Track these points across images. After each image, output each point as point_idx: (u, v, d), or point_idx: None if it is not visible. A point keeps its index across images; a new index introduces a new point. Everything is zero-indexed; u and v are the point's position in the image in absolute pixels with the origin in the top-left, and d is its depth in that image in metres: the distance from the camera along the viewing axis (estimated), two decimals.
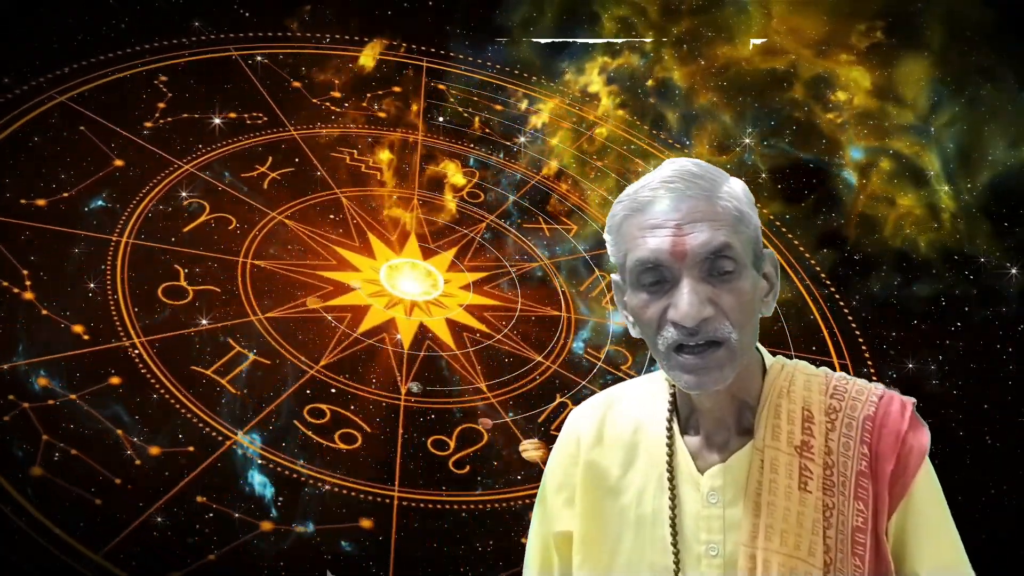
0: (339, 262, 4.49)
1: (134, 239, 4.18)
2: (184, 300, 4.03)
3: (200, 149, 4.74)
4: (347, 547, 3.44)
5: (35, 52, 4.88)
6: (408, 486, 3.67)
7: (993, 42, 5.34)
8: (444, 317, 4.40)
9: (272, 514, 3.45)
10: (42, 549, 3.13)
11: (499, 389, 4.15)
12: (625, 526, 1.47)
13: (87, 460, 3.37)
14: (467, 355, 4.25)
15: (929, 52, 5.49)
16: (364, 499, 3.58)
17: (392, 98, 5.49)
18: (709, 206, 1.32)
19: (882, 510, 1.38)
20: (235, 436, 3.62)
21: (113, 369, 3.67)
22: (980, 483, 3.96)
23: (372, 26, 5.79)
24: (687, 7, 5.85)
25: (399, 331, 4.24)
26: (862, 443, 1.39)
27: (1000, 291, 4.88)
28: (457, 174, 5.17)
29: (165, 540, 3.26)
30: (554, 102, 5.70)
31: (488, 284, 4.63)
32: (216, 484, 3.46)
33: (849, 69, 5.64)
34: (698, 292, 1.30)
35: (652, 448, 1.47)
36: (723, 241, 1.31)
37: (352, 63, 5.59)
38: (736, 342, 1.33)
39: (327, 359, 4.01)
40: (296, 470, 3.59)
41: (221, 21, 5.48)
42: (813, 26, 5.69)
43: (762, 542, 1.38)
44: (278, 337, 4.03)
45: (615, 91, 5.76)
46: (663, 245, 1.31)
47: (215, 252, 4.29)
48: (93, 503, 3.27)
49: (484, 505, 3.70)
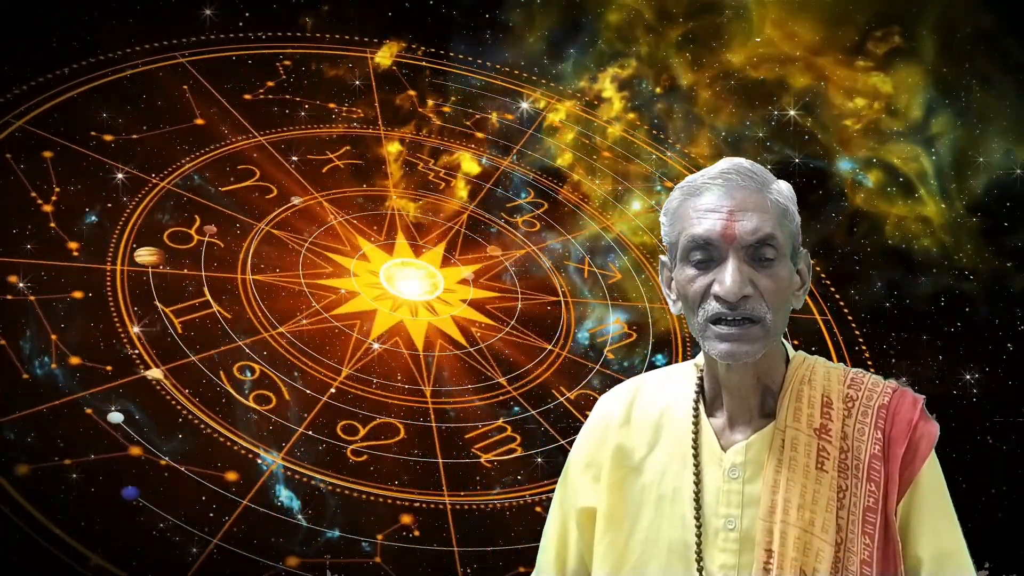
0: (335, 268, 4.48)
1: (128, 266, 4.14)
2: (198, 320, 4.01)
3: (177, 164, 4.65)
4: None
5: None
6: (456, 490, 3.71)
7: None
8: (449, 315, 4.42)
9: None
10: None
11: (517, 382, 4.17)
12: (645, 504, 1.55)
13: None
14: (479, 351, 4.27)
15: (930, 57, 5.49)
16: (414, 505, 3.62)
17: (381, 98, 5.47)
18: (760, 198, 1.46)
19: (892, 492, 1.46)
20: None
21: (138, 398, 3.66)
22: (980, 484, 3.99)
23: (383, 26, 5.77)
24: (688, 11, 5.85)
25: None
26: (876, 428, 1.49)
27: (1000, 291, 4.91)
28: (469, 164, 5.16)
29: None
30: (565, 105, 5.70)
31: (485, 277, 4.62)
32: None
33: (857, 73, 5.65)
34: (741, 272, 1.43)
35: (677, 429, 1.56)
36: (768, 232, 1.44)
37: (363, 64, 5.57)
38: (771, 322, 1.44)
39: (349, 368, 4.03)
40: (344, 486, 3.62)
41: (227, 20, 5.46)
42: (811, 30, 5.69)
43: (780, 516, 1.47)
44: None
45: (625, 95, 5.76)
46: (715, 227, 1.44)
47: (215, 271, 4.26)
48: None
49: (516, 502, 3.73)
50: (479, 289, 4.59)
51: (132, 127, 4.67)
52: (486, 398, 4.06)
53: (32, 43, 4.87)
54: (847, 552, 1.45)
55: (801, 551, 1.45)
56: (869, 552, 1.45)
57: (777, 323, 1.46)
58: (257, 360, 3.97)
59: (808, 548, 1.46)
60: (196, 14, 5.36)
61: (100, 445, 3.48)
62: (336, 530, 3.49)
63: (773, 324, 1.45)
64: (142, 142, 4.62)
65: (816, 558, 1.45)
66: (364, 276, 4.48)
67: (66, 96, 4.67)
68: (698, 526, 1.51)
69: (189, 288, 4.12)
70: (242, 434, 3.68)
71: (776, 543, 1.46)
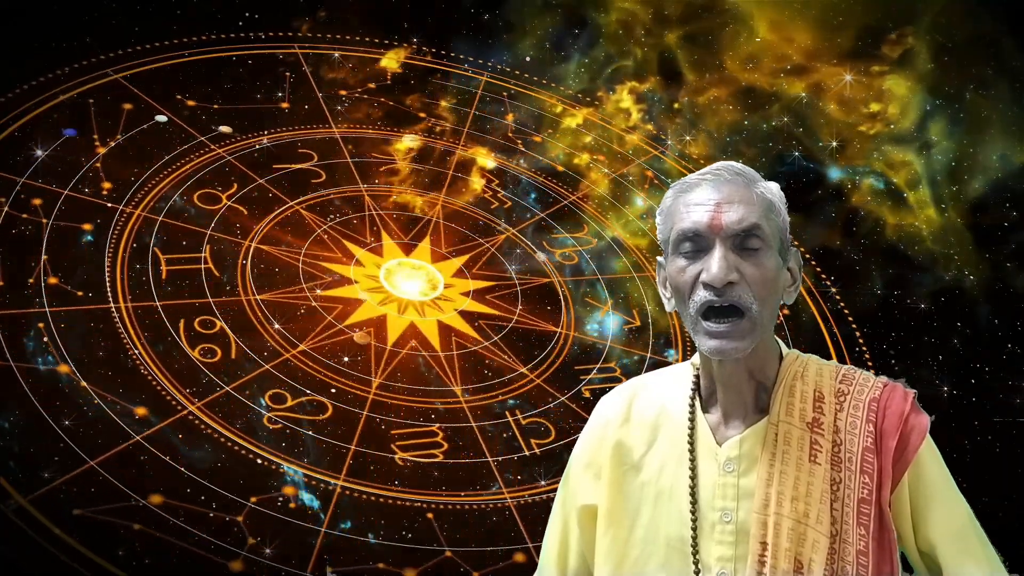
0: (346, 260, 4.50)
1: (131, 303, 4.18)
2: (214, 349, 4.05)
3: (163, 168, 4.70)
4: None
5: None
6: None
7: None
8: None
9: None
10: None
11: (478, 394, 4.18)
12: (645, 501, 1.59)
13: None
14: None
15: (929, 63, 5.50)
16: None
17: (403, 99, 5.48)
18: (746, 192, 1.52)
19: (885, 483, 1.50)
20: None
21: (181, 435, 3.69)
22: (980, 484, 3.98)
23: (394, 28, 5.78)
24: (687, 15, 5.86)
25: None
26: (867, 422, 1.53)
27: (1001, 291, 4.92)
28: (484, 166, 5.17)
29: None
30: (582, 113, 5.70)
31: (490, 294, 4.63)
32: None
33: (860, 76, 5.66)
34: (727, 259, 1.48)
35: (674, 426, 1.60)
36: (754, 221, 1.50)
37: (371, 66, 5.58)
38: (757, 314, 1.49)
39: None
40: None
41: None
42: (806, 36, 5.70)
43: (774, 508, 1.50)
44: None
45: (642, 108, 5.76)
46: (703, 219, 1.50)
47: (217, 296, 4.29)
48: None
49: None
50: (478, 284, 4.61)
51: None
52: (421, 402, 4.07)
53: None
54: (842, 543, 1.49)
55: (796, 542, 1.49)
56: (865, 543, 1.48)
57: (764, 316, 1.50)
58: (217, 317, 4.04)
59: (803, 539, 1.49)
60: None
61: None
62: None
63: (760, 316, 1.49)
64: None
65: (812, 548, 1.49)
66: (364, 280, 4.51)
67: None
68: (694, 520, 1.54)
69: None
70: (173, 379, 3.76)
71: (771, 535, 1.49)
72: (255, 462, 3.62)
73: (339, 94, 5.35)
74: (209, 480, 3.49)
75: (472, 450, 3.89)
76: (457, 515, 3.66)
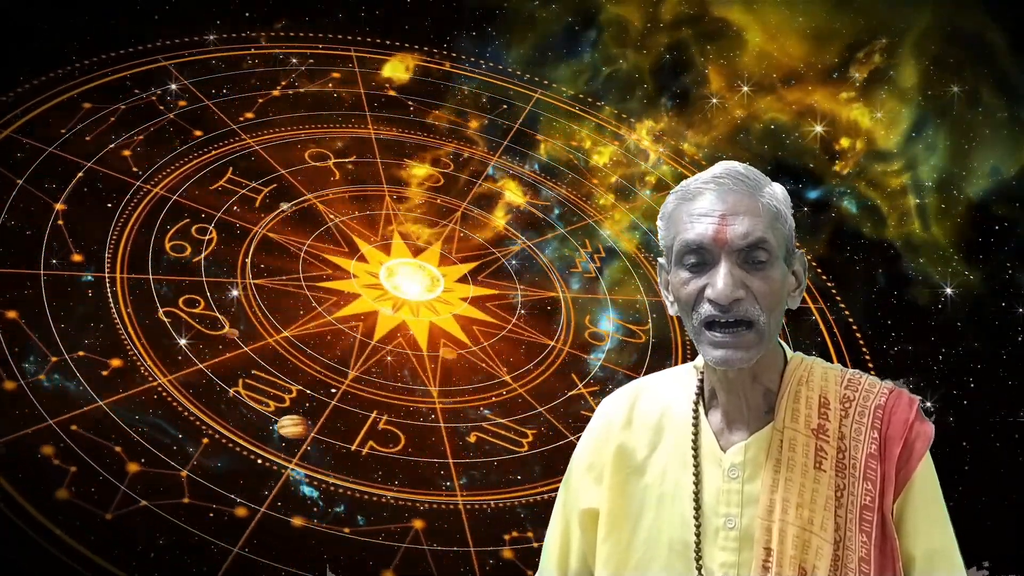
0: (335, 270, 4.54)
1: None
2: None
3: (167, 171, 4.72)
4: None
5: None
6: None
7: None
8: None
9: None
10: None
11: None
12: (647, 504, 1.57)
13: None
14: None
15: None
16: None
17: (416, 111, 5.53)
18: (752, 202, 1.46)
19: (888, 490, 1.48)
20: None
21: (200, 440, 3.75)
22: (980, 484, 3.98)
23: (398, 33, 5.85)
24: (685, 19, 5.84)
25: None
26: (872, 428, 1.50)
27: (1001, 291, 4.90)
28: (513, 190, 5.20)
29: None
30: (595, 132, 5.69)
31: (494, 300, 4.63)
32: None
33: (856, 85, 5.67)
34: (733, 275, 1.44)
35: (677, 430, 1.58)
36: (760, 235, 1.45)
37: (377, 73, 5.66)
38: (764, 325, 1.45)
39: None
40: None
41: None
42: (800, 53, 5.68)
43: (778, 515, 1.48)
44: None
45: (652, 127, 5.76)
46: (707, 231, 1.45)
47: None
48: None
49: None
50: (478, 287, 4.62)
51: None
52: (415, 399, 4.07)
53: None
54: (846, 550, 1.47)
55: (800, 549, 1.47)
56: (867, 550, 1.46)
57: (771, 325, 1.47)
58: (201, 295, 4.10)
59: (807, 546, 1.47)
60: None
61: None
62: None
63: (767, 327, 1.46)
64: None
65: (816, 555, 1.47)
66: (363, 279, 4.55)
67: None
68: (697, 525, 1.52)
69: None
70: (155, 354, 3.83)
71: (775, 541, 1.48)
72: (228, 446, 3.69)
73: (382, 96, 5.42)
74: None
75: (433, 451, 3.89)
76: (410, 511, 3.68)
